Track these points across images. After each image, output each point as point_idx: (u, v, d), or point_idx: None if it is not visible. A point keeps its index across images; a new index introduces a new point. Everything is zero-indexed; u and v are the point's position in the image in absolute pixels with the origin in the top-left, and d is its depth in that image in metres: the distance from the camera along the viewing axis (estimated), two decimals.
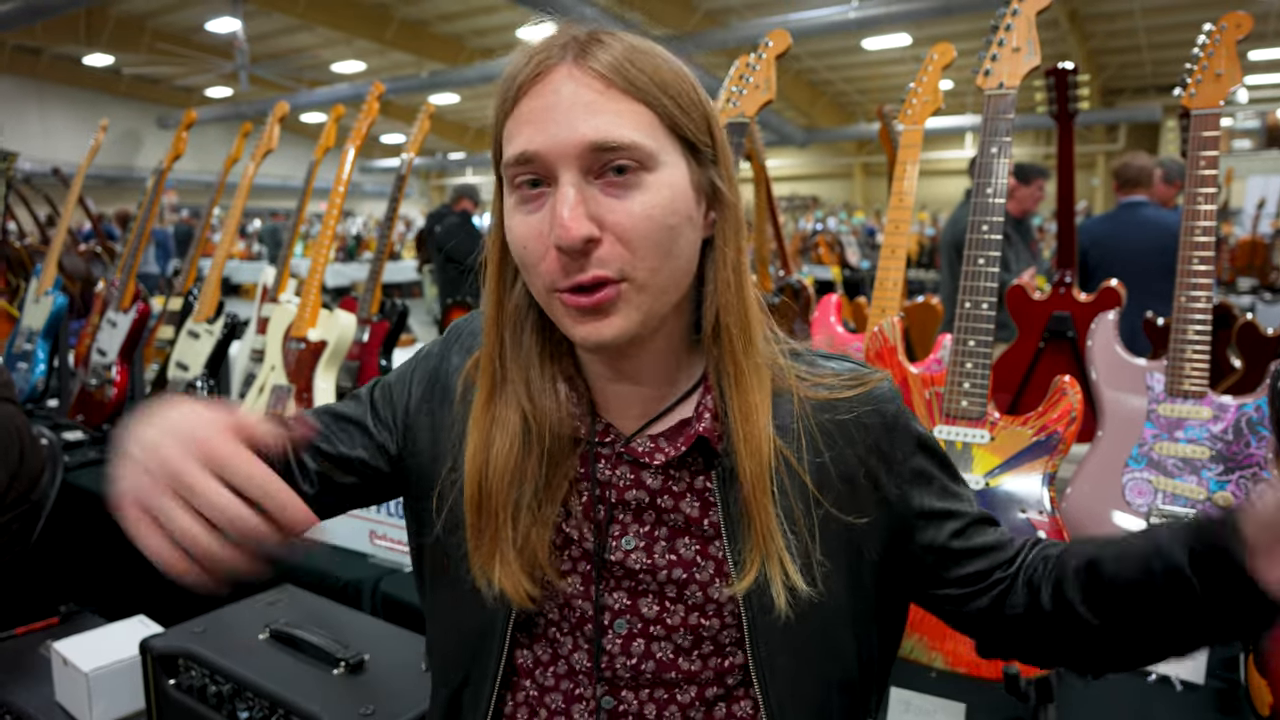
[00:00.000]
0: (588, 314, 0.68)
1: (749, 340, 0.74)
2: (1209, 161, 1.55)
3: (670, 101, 0.69)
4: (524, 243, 0.69)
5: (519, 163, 0.67)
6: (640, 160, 0.67)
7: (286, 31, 14.66)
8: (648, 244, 0.67)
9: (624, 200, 0.66)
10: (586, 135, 0.65)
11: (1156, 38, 13.31)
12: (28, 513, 1.98)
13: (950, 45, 1.80)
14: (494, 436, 0.75)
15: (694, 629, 0.77)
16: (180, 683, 1.39)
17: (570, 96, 0.66)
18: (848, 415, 0.77)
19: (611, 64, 0.67)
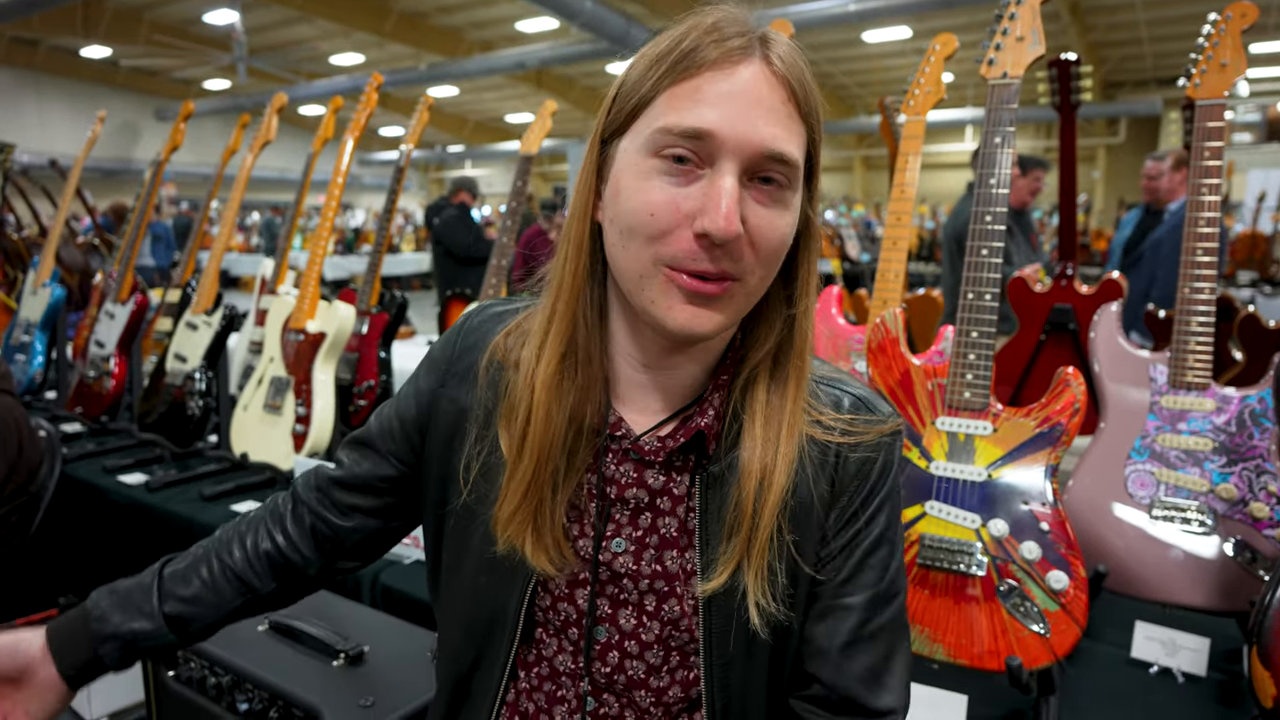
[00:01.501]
0: (698, 300, 0.67)
1: (807, 366, 0.75)
2: (1213, 152, 1.54)
3: (818, 128, 0.70)
4: (653, 209, 0.66)
5: (686, 135, 0.65)
6: (791, 180, 0.67)
7: (285, 23, 14.59)
8: (771, 257, 0.68)
9: (769, 211, 0.67)
10: (766, 140, 0.65)
11: (1157, 30, 13.27)
12: (26, 504, 1.98)
13: (953, 36, 1.79)
14: (553, 409, 0.74)
15: (665, 643, 0.77)
16: (180, 674, 1.39)
17: (759, 95, 0.66)
18: (831, 455, 0.76)
19: (795, 74, 0.67)
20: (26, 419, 2.01)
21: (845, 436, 0.76)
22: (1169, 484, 1.47)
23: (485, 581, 0.81)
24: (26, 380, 3.09)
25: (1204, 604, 1.42)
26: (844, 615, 0.77)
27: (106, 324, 2.87)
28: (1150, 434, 1.51)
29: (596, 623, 0.78)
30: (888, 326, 1.44)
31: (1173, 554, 1.44)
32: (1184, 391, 1.50)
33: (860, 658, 0.77)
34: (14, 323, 3.26)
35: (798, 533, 0.74)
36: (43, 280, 3.19)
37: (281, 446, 2.18)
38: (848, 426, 0.76)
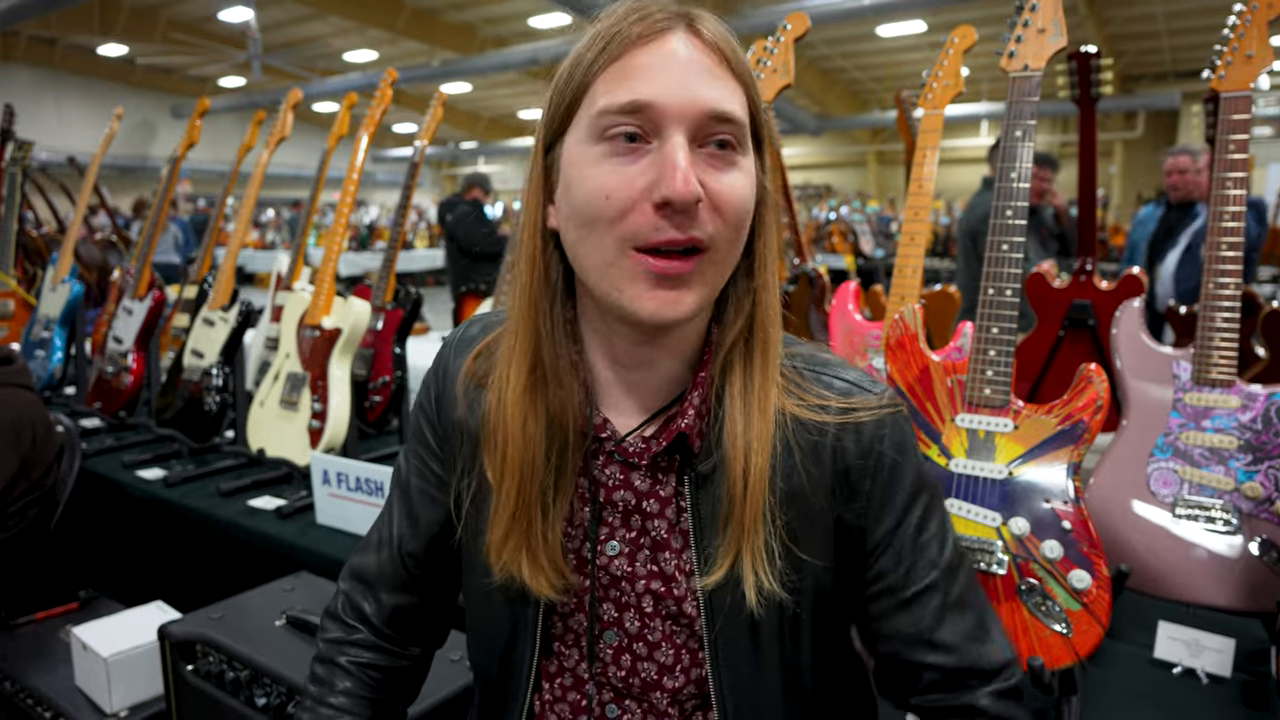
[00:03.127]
0: (666, 283, 0.65)
1: (776, 339, 0.73)
2: (1239, 146, 1.51)
3: (755, 92, 0.69)
4: (607, 191, 0.64)
5: (625, 111, 0.64)
6: (739, 140, 0.67)
7: (299, 20, 14.65)
8: (736, 218, 0.66)
9: (724, 173, 0.66)
10: (708, 101, 0.64)
11: (1176, 23, 13.11)
12: (44, 498, 1.99)
13: (972, 29, 1.77)
14: (530, 425, 0.73)
15: (671, 640, 0.77)
16: (198, 668, 1.40)
17: (689, 59, 0.65)
18: (825, 439, 0.73)
19: (723, 40, 0.67)
20: (45, 414, 2.03)
21: (838, 417, 0.73)
22: (1193, 482, 1.45)
23: (501, 602, 0.80)
24: (46, 376, 3.12)
25: (1229, 604, 1.40)
26: (923, 598, 0.75)
27: (124, 320, 2.89)
28: (1174, 431, 1.49)
29: (605, 628, 0.78)
30: (906, 323, 1.43)
31: (1196, 553, 1.42)
32: (1208, 388, 1.47)
33: (956, 627, 0.75)
34: (33, 319, 3.29)
35: (793, 518, 0.72)
36: (61, 276, 3.21)
37: (298, 442, 2.19)
38: (842, 406, 0.73)
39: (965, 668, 0.75)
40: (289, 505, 2.05)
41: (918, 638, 0.75)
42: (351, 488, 1.90)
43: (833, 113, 18.51)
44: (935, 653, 0.75)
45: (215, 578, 2.06)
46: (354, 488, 1.90)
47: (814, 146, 22.07)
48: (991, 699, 0.75)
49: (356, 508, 1.91)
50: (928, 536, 0.76)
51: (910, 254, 1.78)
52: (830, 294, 2.95)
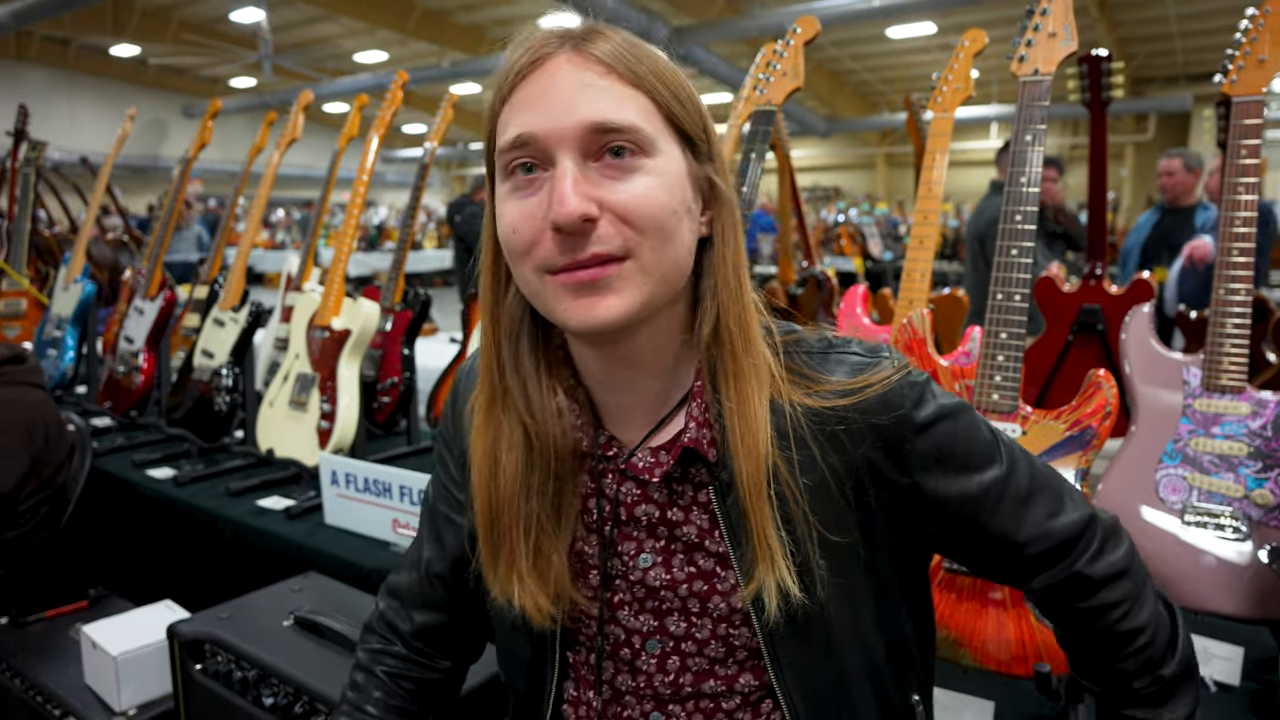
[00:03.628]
0: (584, 291, 0.65)
1: (748, 340, 0.72)
2: (1250, 150, 1.51)
3: (668, 93, 0.68)
4: (514, 227, 0.67)
5: (515, 146, 0.66)
6: (639, 144, 0.66)
7: (309, 21, 14.72)
8: (651, 223, 0.66)
9: (623, 182, 0.65)
10: (586, 116, 0.64)
11: (1188, 25, 13.03)
12: (54, 497, 2.01)
13: (982, 32, 1.76)
14: (499, 453, 0.75)
15: (724, 639, 0.76)
16: (207, 668, 1.40)
17: (569, 79, 0.66)
18: (847, 424, 0.72)
19: (611, 52, 0.67)
20: (56, 413, 2.05)
21: (853, 398, 0.72)
22: (1202, 489, 1.45)
23: (520, 621, 0.80)
24: (58, 375, 3.14)
25: (1237, 612, 1.39)
26: (999, 514, 0.75)
27: (135, 320, 2.91)
28: (1183, 438, 1.48)
29: (646, 638, 0.78)
30: (915, 327, 1.42)
31: (1205, 560, 1.42)
32: (1218, 395, 1.47)
33: (1034, 515, 0.76)
34: (46, 318, 3.31)
35: (824, 511, 0.72)
36: (74, 276, 3.23)
37: (307, 442, 2.20)
38: (854, 386, 0.72)
39: (1056, 545, 0.76)
40: (298, 505, 2.06)
41: (1009, 542, 0.76)
42: (360, 489, 1.91)
43: (841, 115, 18.48)
44: (1027, 546, 0.76)
45: (224, 577, 2.07)
46: (362, 489, 1.91)
47: (823, 148, 22.04)
48: (1089, 560, 0.77)
49: (365, 509, 1.92)
50: (984, 469, 0.75)
51: (919, 257, 1.77)
52: (838, 297, 2.94)
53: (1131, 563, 0.78)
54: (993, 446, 0.76)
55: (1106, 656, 0.79)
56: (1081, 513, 0.77)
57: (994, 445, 0.76)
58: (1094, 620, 0.78)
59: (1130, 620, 0.77)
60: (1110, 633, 0.78)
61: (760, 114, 1.79)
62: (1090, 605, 0.77)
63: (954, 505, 0.75)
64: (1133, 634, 0.77)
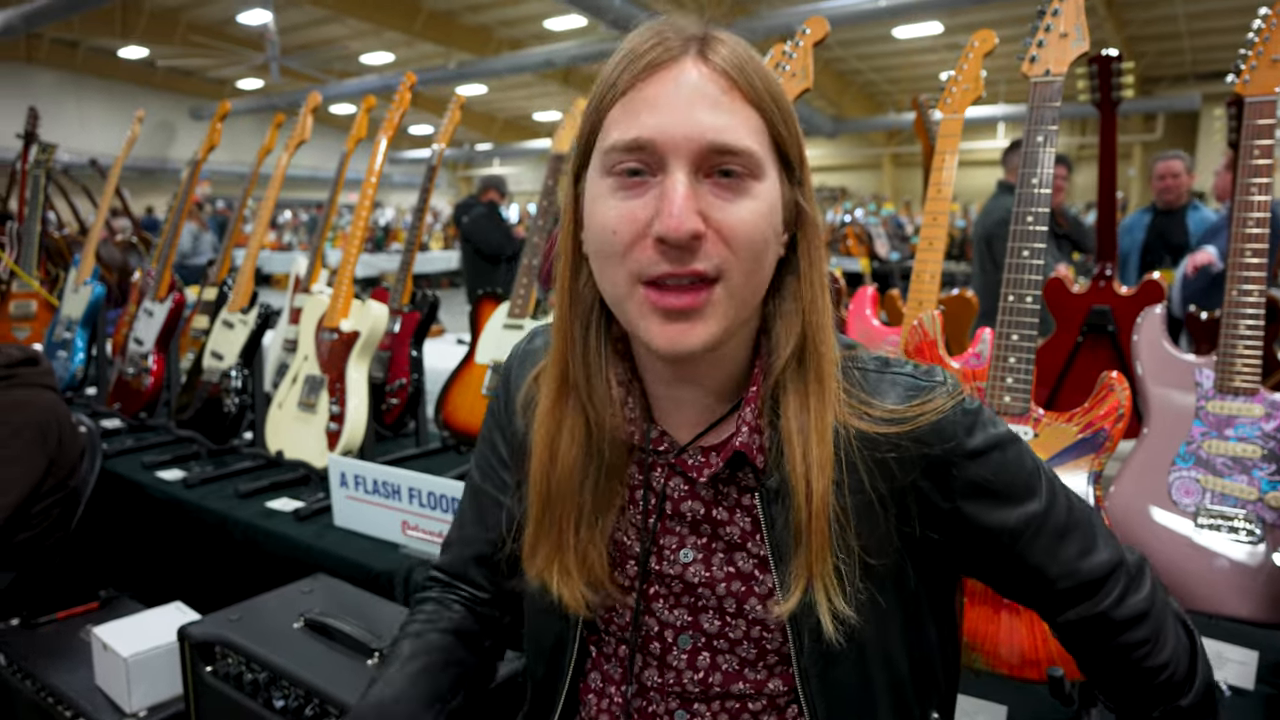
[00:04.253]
0: (675, 317, 0.66)
1: (828, 363, 0.72)
2: (1263, 150, 1.50)
3: (778, 114, 0.68)
4: (614, 227, 0.66)
5: (629, 149, 0.65)
6: (750, 169, 0.66)
7: (316, 23, 14.76)
8: (748, 248, 0.66)
9: (732, 203, 0.65)
10: (708, 134, 0.64)
11: (1197, 24, 12.97)
12: (67, 499, 2.02)
13: (992, 33, 1.76)
14: (560, 441, 0.75)
15: (757, 641, 0.76)
16: (217, 670, 1.41)
17: (693, 89, 0.65)
18: (899, 452, 0.72)
19: (736, 64, 0.66)
20: (68, 415, 2.05)
21: (904, 426, 0.72)
22: (1215, 491, 1.44)
23: (544, 604, 0.81)
24: (68, 377, 3.16)
25: (1251, 615, 1.38)
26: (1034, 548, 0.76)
27: (145, 321, 2.92)
28: (1196, 440, 1.47)
29: (679, 633, 0.78)
30: (925, 329, 1.42)
31: (1219, 563, 1.41)
32: (1231, 397, 1.46)
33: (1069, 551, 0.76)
34: (56, 320, 3.33)
35: (866, 535, 0.72)
36: (84, 278, 3.25)
37: (316, 444, 2.21)
38: (906, 414, 0.72)
39: (1084, 583, 0.77)
40: (307, 507, 2.06)
41: (1041, 575, 0.77)
42: (369, 490, 1.91)
43: (848, 115, 18.44)
44: (1058, 582, 0.77)
45: (233, 579, 2.07)
46: (371, 490, 1.91)
47: (829, 149, 22.00)
48: (1114, 602, 0.77)
49: (373, 510, 1.92)
50: (1025, 502, 0.75)
51: (929, 259, 1.77)
52: (847, 298, 2.94)
53: (1154, 603, 0.79)
54: (1035, 479, 0.77)
55: (1127, 689, 0.81)
56: (1111, 554, 0.78)
57: (1037, 478, 0.77)
58: (1116, 658, 0.79)
59: (1151, 660, 0.78)
60: (1132, 671, 0.79)
61: None
62: (1113, 645, 0.78)
63: (992, 534, 0.75)
64: (1154, 671, 0.78)
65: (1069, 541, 0.76)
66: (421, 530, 1.85)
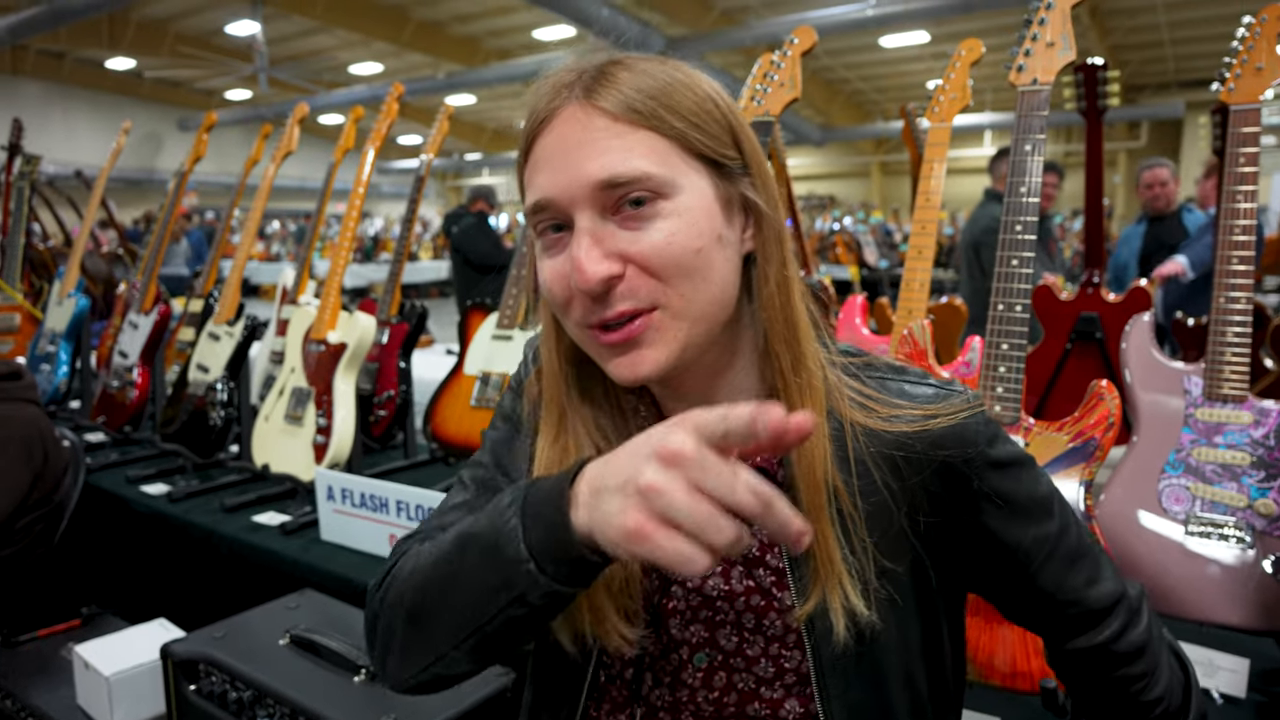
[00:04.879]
0: (621, 350, 0.67)
1: (797, 358, 0.71)
2: (1248, 158, 1.51)
3: (683, 123, 0.67)
4: (550, 286, 0.68)
5: (535, 211, 0.68)
6: (655, 190, 0.65)
7: (305, 34, 14.75)
8: (675, 270, 0.65)
9: (644, 231, 0.65)
10: (593, 174, 0.64)
11: (1179, 33, 13.12)
12: (50, 514, 1.99)
13: (979, 41, 1.76)
14: None
15: (775, 659, 0.75)
16: (201, 688, 1.39)
17: (575, 137, 0.65)
18: (907, 451, 0.71)
19: (617, 97, 0.66)
20: (51, 429, 2.03)
21: (918, 425, 0.71)
22: (1205, 499, 1.44)
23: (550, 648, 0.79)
24: (51, 390, 3.12)
25: (1242, 623, 1.38)
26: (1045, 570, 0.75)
27: (130, 334, 2.89)
28: (1185, 447, 1.47)
29: (695, 651, 0.77)
30: (915, 338, 1.42)
31: (1209, 571, 1.41)
32: (1220, 404, 1.46)
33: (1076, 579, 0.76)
34: (39, 333, 3.29)
35: (881, 536, 0.71)
36: (68, 290, 3.22)
37: (302, 457, 2.19)
38: (922, 414, 0.71)
39: (1088, 613, 0.76)
40: (293, 521, 2.04)
41: (1049, 599, 0.76)
42: (356, 504, 1.89)
43: (836, 123, 18.55)
44: (1065, 608, 0.76)
45: (219, 594, 2.05)
46: (359, 504, 1.89)
47: (817, 157, 22.11)
48: (1114, 635, 0.77)
49: (361, 524, 1.90)
50: (1042, 522, 0.75)
51: (918, 267, 1.76)
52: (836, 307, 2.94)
53: (1151, 636, 0.79)
54: (1051, 501, 0.77)
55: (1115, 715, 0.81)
56: (1115, 585, 0.78)
57: (1052, 500, 0.77)
58: (1114, 691, 0.79)
59: (1148, 693, 0.78)
60: (1129, 704, 0.79)
61: (758, 125, 1.78)
62: (1111, 678, 0.78)
63: (1008, 550, 0.75)
64: (1150, 705, 0.78)
65: (1078, 568, 0.76)
66: None
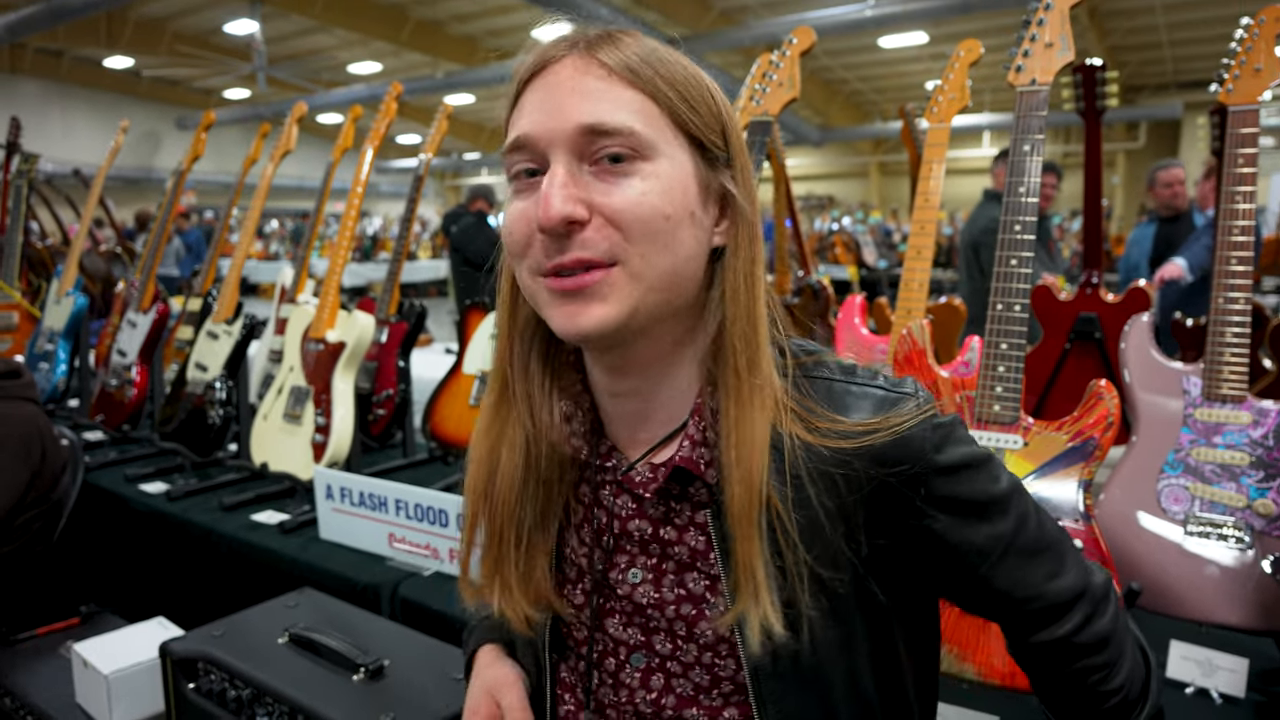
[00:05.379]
0: (570, 298, 0.65)
1: (753, 358, 0.68)
2: (1247, 159, 1.51)
3: (675, 94, 0.67)
4: (510, 228, 0.67)
5: (514, 149, 0.67)
6: (635, 148, 0.64)
7: (303, 33, 14.74)
8: (641, 229, 0.64)
9: (616, 185, 0.64)
10: (578, 118, 0.64)
11: (1177, 34, 13.14)
12: (49, 512, 1.99)
13: (977, 42, 1.77)
14: (500, 452, 0.74)
15: (709, 668, 0.73)
16: (200, 686, 1.38)
17: (569, 82, 0.65)
18: (846, 470, 0.68)
19: (618, 55, 0.66)
20: (50, 427, 2.03)
21: (859, 441, 0.68)
22: (1204, 499, 1.44)
23: None
24: (50, 388, 3.12)
25: (1242, 623, 1.38)
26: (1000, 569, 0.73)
27: (128, 333, 2.89)
28: (1184, 447, 1.47)
29: (632, 651, 0.76)
30: (914, 338, 1.42)
31: (1209, 571, 1.41)
32: (1219, 404, 1.46)
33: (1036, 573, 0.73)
34: (38, 331, 3.29)
35: (818, 550, 0.68)
36: (66, 289, 3.21)
37: (301, 456, 2.18)
38: (864, 429, 0.68)
39: (1049, 607, 0.74)
40: (292, 520, 2.04)
41: (1007, 597, 0.74)
42: (355, 503, 1.89)
43: (835, 124, 18.55)
44: (1024, 604, 0.74)
45: (218, 593, 2.05)
46: (357, 503, 1.89)
47: (816, 157, 22.11)
48: (1077, 627, 0.74)
49: (359, 523, 1.90)
50: (995, 521, 0.72)
51: (917, 267, 1.77)
52: (835, 306, 2.94)
53: (1115, 626, 0.77)
54: (1007, 500, 0.73)
55: (1078, 710, 0.79)
56: (1078, 577, 0.76)
57: (1008, 498, 0.74)
58: (1073, 681, 0.77)
59: (1108, 683, 0.76)
60: (1088, 693, 0.77)
61: (757, 124, 1.79)
62: (1073, 669, 0.76)
63: (959, 553, 0.72)
64: (1108, 694, 0.77)
65: (1037, 563, 0.74)
66: (408, 543, 1.83)
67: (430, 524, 1.79)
